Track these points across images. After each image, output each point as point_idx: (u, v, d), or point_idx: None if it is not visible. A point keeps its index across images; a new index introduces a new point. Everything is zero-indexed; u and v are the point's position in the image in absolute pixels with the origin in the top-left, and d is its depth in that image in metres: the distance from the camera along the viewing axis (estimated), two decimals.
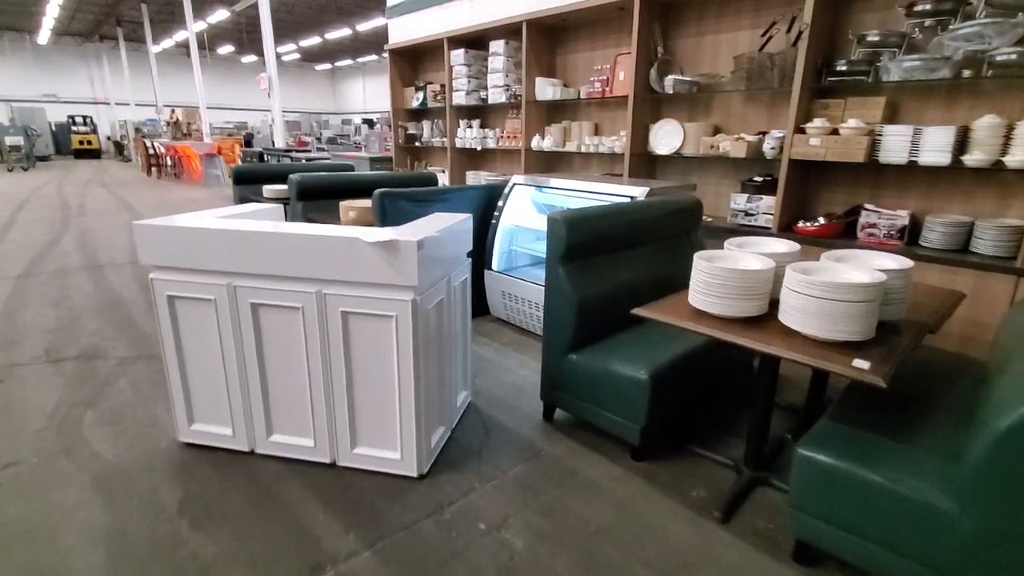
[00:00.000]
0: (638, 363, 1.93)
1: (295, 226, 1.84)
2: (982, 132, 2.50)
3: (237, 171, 4.84)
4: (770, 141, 3.08)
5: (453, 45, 4.95)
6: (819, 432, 1.53)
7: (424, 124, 5.74)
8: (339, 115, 27.58)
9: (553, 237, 2.06)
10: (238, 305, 1.84)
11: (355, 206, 3.37)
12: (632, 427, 1.95)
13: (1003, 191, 2.60)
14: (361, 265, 1.70)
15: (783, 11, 3.05)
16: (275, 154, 8.90)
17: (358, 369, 1.83)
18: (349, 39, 20.42)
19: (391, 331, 1.75)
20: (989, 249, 2.51)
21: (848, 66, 2.79)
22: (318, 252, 1.72)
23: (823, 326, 1.51)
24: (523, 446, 2.12)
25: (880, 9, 2.81)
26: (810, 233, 2.97)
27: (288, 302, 1.80)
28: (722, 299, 1.67)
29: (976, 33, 2.39)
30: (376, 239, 1.63)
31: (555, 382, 2.19)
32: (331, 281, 1.76)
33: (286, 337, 1.85)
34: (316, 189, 3.87)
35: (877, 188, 2.97)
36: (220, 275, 1.83)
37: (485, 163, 5.40)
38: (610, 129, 4.21)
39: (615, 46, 4.04)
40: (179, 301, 1.90)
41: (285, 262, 1.76)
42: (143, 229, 1.84)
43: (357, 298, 1.74)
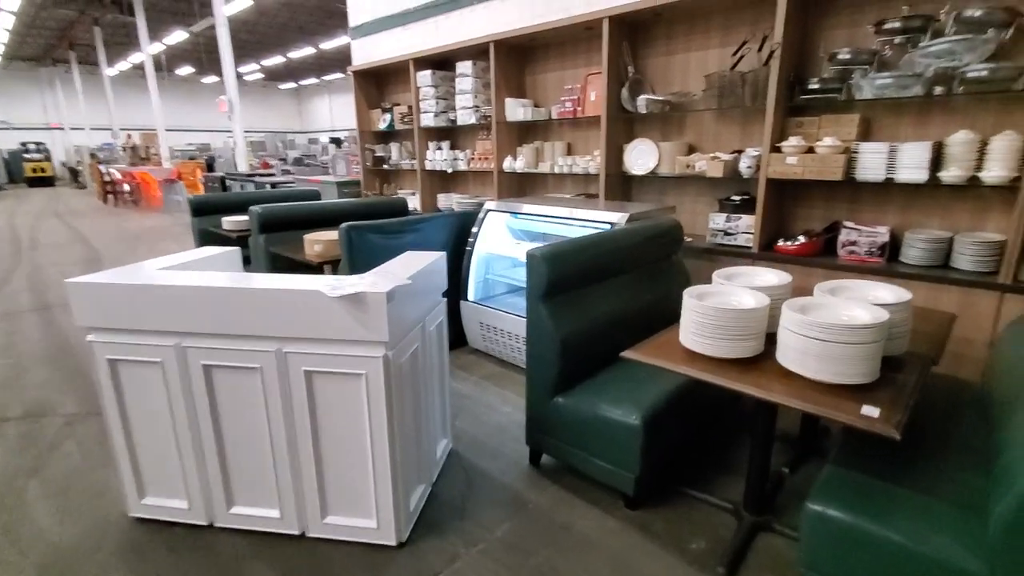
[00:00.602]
0: (629, 406, 1.81)
1: (250, 278, 1.67)
2: (957, 148, 2.48)
3: (195, 202, 4.60)
4: (746, 160, 3.03)
5: (419, 66, 4.84)
6: (828, 482, 1.43)
7: (392, 146, 5.59)
8: (305, 134, 27.18)
9: (533, 274, 1.94)
10: (189, 367, 1.66)
11: (321, 239, 3.20)
12: (626, 476, 1.82)
13: (980, 205, 2.59)
14: (325, 320, 1.54)
15: (753, 30, 3.03)
16: (237, 179, 8.61)
17: (326, 432, 1.67)
18: (313, 57, 20.18)
19: (361, 390, 1.59)
20: (970, 264, 2.48)
21: (821, 84, 2.77)
22: (277, 307, 1.56)
23: (825, 369, 1.42)
24: (510, 498, 1.97)
25: (848, 26, 2.80)
26: (791, 252, 2.92)
27: (245, 362, 1.63)
28: (716, 340, 1.57)
29: (947, 50, 2.38)
30: (340, 292, 1.48)
31: (541, 426, 2.06)
32: (292, 338, 1.59)
33: (244, 400, 1.67)
34: (279, 221, 3.68)
35: (854, 204, 2.94)
36: (167, 335, 1.65)
37: (456, 185, 5.28)
38: (583, 149, 4.14)
39: (584, 65, 3.98)
40: (122, 365, 1.71)
41: (240, 319, 1.59)
42: (78, 288, 1.65)
43: (322, 356, 1.58)
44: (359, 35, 5.92)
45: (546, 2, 4.10)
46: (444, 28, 4.95)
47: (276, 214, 3.66)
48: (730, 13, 3.18)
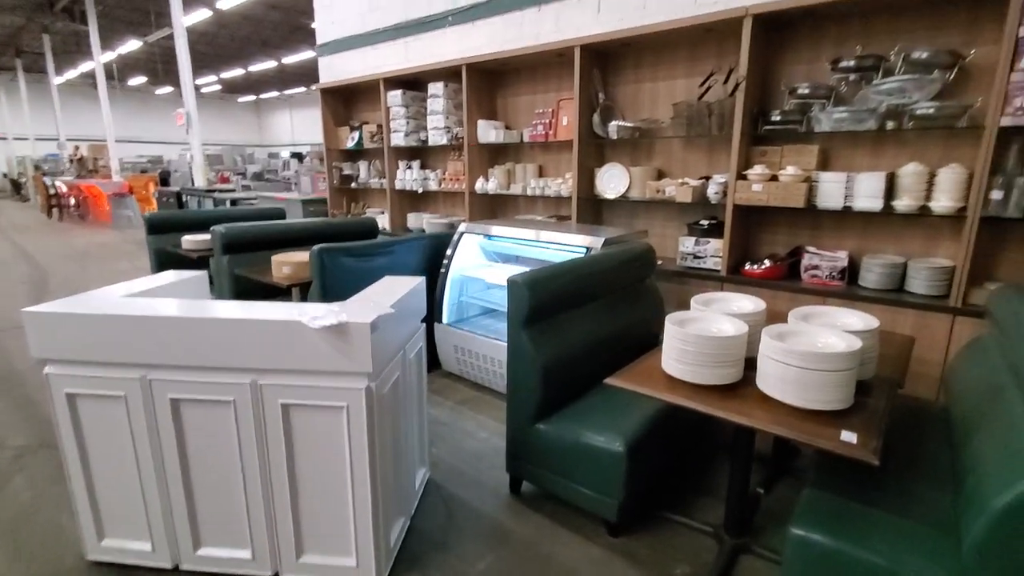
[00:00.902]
0: (612, 433, 1.82)
1: (223, 307, 1.61)
2: (908, 179, 2.64)
3: (151, 219, 4.41)
4: (714, 186, 3.14)
5: (390, 86, 4.82)
6: (808, 506, 1.47)
7: (360, 165, 5.53)
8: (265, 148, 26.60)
9: (515, 301, 1.94)
10: (154, 401, 1.58)
11: (290, 260, 3.12)
12: (609, 502, 1.82)
13: (930, 233, 2.76)
14: (304, 351, 1.49)
15: (718, 62, 3.16)
16: (195, 194, 8.32)
17: (303, 467, 1.60)
18: (275, 71, 19.85)
19: (341, 423, 1.54)
20: (923, 288, 2.63)
21: (782, 116, 2.91)
22: (252, 338, 1.50)
23: (803, 395, 1.46)
24: (491, 529, 1.94)
25: (806, 62, 2.95)
26: (757, 275, 3.03)
27: (216, 395, 1.55)
28: (697, 367, 1.60)
29: (898, 88, 2.55)
30: (322, 323, 1.44)
31: (522, 454, 2.04)
32: (268, 370, 1.53)
33: (214, 435, 1.59)
34: (244, 241, 3.56)
35: (815, 230, 3.08)
36: (131, 367, 1.56)
37: (427, 205, 5.25)
38: (554, 171, 4.19)
39: (556, 90, 4.05)
40: (82, 399, 1.61)
41: (212, 350, 1.52)
42: (35, 318, 1.54)
43: (300, 388, 1.53)
44: (326, 52, 5.87)
45: (517, 28, 4.18)
46: (414, 49, 4.97)
47: (241, 234, 3.54)
48: (695, 46, 3.32)
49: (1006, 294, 1.88)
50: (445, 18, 4.64)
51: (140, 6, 11.79)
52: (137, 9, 12.09)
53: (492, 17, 4.32)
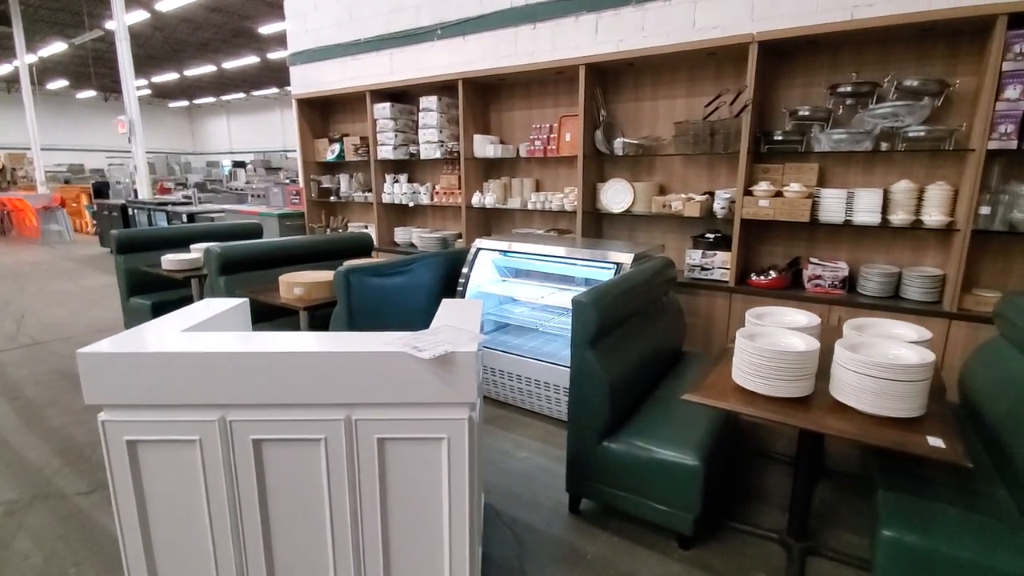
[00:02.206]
0: (684, 447, 1.87)
1: (308, 339, 1.53)
2: (900, 195, 2.89)
3: (121, 238, 4.09)
4: (720, 201, 3.29)
5: (377, 98, 4.73)
6: (890, 509, 1.57)
7: (341, 178, 5.37)
8: (199, 156, 25.23)
9: (580, 321, 1.95)
10: (233, 444, 1.47)
11: (300, 281, 2.99)
12: (684, 517, 1.87)
13: (917, 244, 3.01)
14: (404, 382, 1.45)
15: (718, 85, 3.33)
16: (144, 208, 7.77)
17: (395, 505, 1.54)
18: (213, 76, 18.90)
19: (440, 456, 1.50)
20: (918, 295, 2.87)
21: (783, 136, 3.10)
22: (347, 371, 1.44)
23: (881, 404, 1.57)
24: (564, 551, 1.93)
25: (801, 86, 3.16)
26: (763, 286, 3.19)
27: (305, 433, 1.47)
28: (775, 381, 1.68)
29: (891, 112, 2.78)
30: (431, 353, 1.40)
31: (586, 473, 2.05)
32: (363, 404, 1.47)
33: (300, 476, 1.51)
34: (241, 261, 3.37)
35: (812, 242, 3.29)
36: (208, 409, 1.45)
37: (414, 219, 5.17)
38: (552, 185, 4.25)
39: (552, 106, 4.12)
40: (144, 446, 1.47)
41: (301, 385, 1.44)
42: (92, 360, 1.41)
43: (398, 421, 1.48)
44: (300, 61, 5.68)
45: (511, 44, 4.22)
46: (400, 61, 4.90)
47: (237, 253, 3.35)
48: (695, 68, 3.47)
49: (1018, 302, 2.08)
50: (434, 31, 4.61)
51: (67, 6, 10.92)
52: (63, 9, 11.19)
53: (484, 32, 4.34)
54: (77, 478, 2.36)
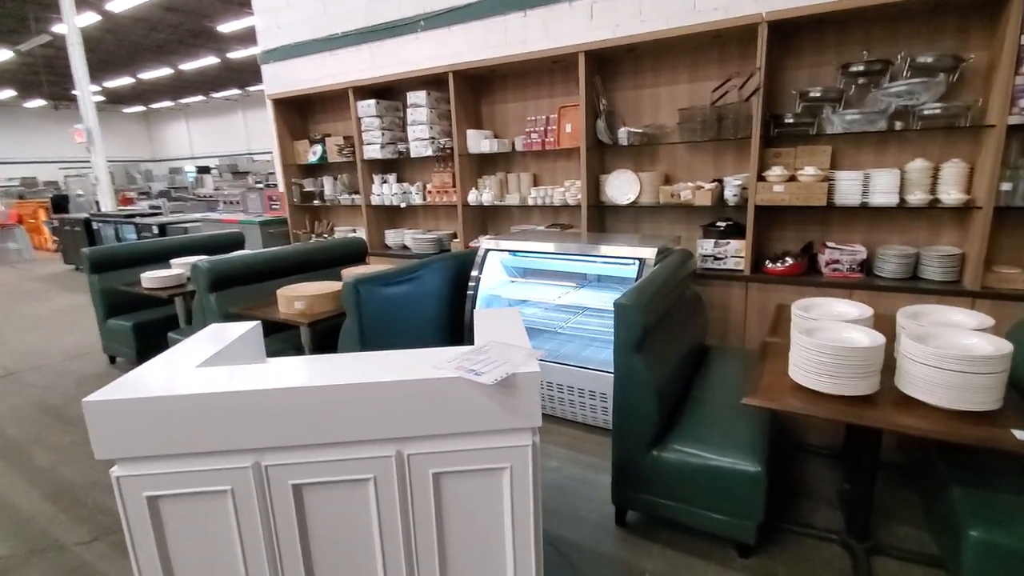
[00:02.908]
0: (742, 452, 1.77)
1: (348, 367, 1.37)
2: (916, 174, 2.84)
3: (94, 256, 3.80)
4: (731, 188, 3.20)
5: (360, 95, 4.51)
6: (975, 508, 1.50)
7: (324, 180, 5.13)
8: (158, 163, 24.28)
9: (625, 325, 1.83)
10: (270, 491, 1.31)
11: (302, 294, 2.80)
12: (746, 525, 1.77)
13: (933, 223, 2.98)
14: (462, 411, 1.30)
15: (734, 68, 3.23)
16: (109, 221, 7.35)
17: (453, 542, 1.40)
18: (170, 79, 18.12)
19: (502, 487, 1.36)
20: (937, 275, 2.83)
21: (795, 119, 3.02)
22: (398, 403, 1.29)
23: (957, 397, 1.49)
24: (620, 569, 1.82)
25: (809, 67, 3.09)
26: (780, 272, 3.13)
27: (352, 474, 1.32)
28: (842, 379, 1.59)
29: (907, 90, 2.72)
30: (493, 378, 1.26)
31: (635, 484, 1.94)
32: (415, 437, 1.32)
33: (347, 521, 1.35)
34: (231, 276, 3.15)
35: (825, 226, 3.24)
36: (240, 454, 1.29)
37: (405, 220, 4.97)
38: (550, 179, 4.11)
39: (548, 97, 3.97)
40: (167, 501, 1.30)
41: (346, 421, 1.28)
42: (101, 409, 1.22)
43: (455, 453, 1.33)
44: (273, 59, 5.40)
45: (501, 33, 4.06)
46: (381, 55, 4.68)
47: (227, 268, 3.13)
48: (698, 52, 3.37)
49: None
50: (416, 22, 4.41)
51: (12, 11, 10.24)
52: (7, 15, 10.50)
53: (471, 22, 4.16)
54: (75, 526, 2.14)
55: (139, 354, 3.75)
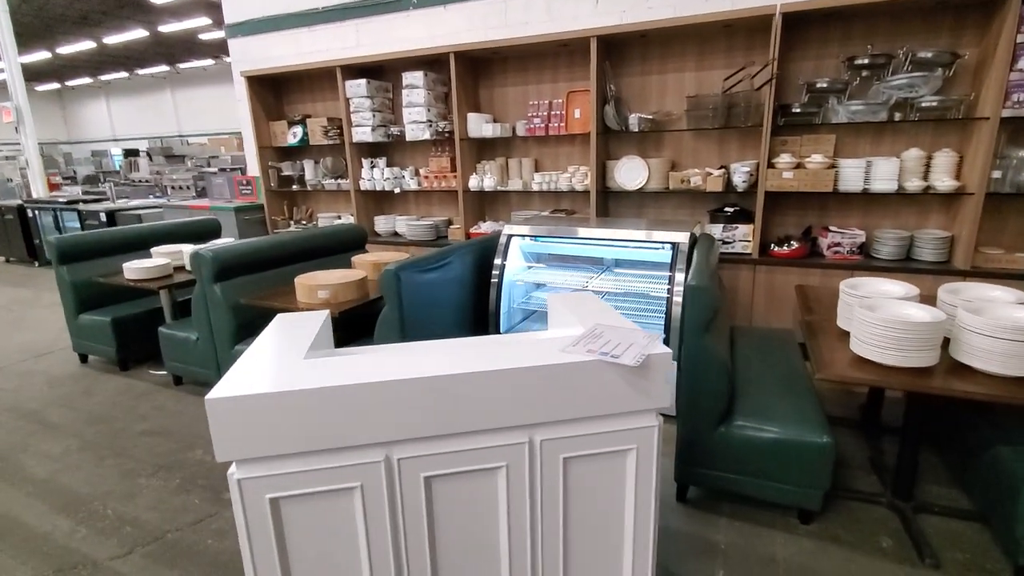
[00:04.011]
0: (809, 424, 1.86)
1: (476, 354, 1.32)
2: (911, 163, 3.05)
3: (62, 245, 3.44)
4: (739, 175, 3.32)
5: (348, 75, 4.30)
6: None
7: (305, 164, 4.87)
8: (76, 145, 22.23)
9: (696, 306, 1.87)
10: (401, 485, 1.25)
11: (325, 283, 2.67)
12: (813, 493, 1.87)
13: (922, 208, 3.21)
14: (594, 394, 1.29)
15: (741, 57, 3.32)
16: (48, 208, 6.67)
17: (576, 525, 1.39)
18: (90, 53, 16.55)
19: (626, 468, 1.36)
20: (931, 256, 3.06)
21: (801, 108, 3.16)
22: (531, 389, 1.26)
23: (1011, 364, 1.63)
24: (696, 544, 1.87)
25: (814, 58, 3.23)
26: (785, 256, 3.28)
27: (484, 463, 1.28)
28: (908, 351, 1.69)
29: (907, 83, 2.91)
30: (635, 359, 1.25)
31: (701, 460, 2.00)
32: (547, 423, 1.30)
33: (474, 510, 1.31)
34: (236, 265, 2.94)
35: (824, 211, 3.42)
36: (370, 449, 1.22)
37: (394, 206, 4.81)
38: (552, 165, 4.10)
39: (551, 81, 3.95)
40: (290, 503, 1.21)
41: (479, 410, 1.24)
42: (225, 407, 1.12)
43: (585, 437, 1.32)
44: (241, 33, 5.05)
45: (500, 14, 3.98)
46: (367, 33, 4.48)
47: (231, 256, 2.91)
48: (705, 40, 3.44)
49: None
50: (408, 0, 4.24)
51: None
52: None
53: (469, 1, 4.05)
54: (101, 539, 1.96)
55: (120, 352, 3.44)
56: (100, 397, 3.14)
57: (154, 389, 3.23)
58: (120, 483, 2.30)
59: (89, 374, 3.49)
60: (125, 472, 2.38)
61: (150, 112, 21.76)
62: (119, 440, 2.65)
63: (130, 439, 2.66)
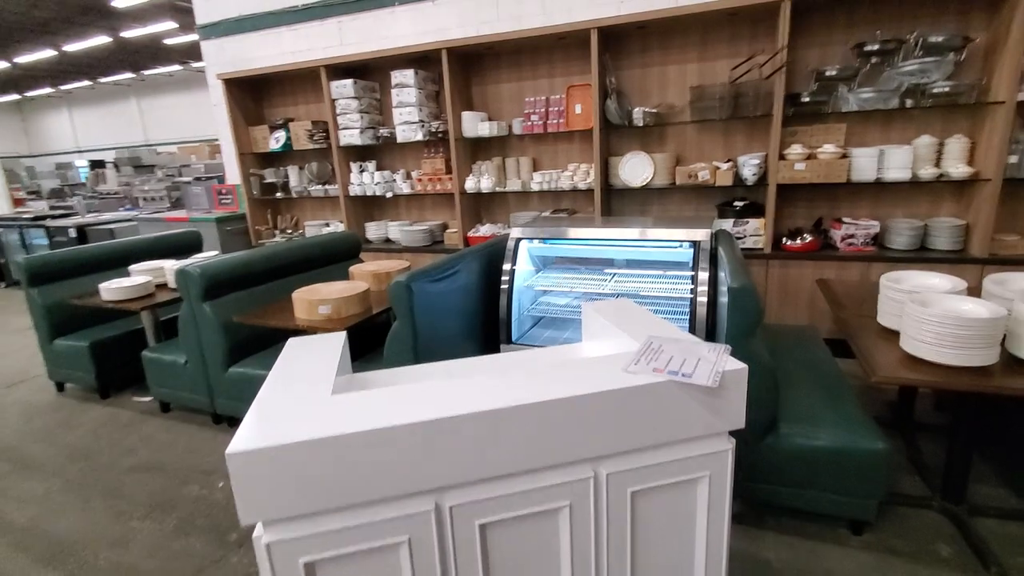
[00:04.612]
0: (861, 430, 1.76)
1: (528, 380, 1.17)
2: (923, 150, 2.99)
3: (33, 265, 3.18)
4: (749, 168, 3.22)
5: (333, 75, 4.10)
6: None
7: (290, 170, 4.65)
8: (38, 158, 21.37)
9: (742, 309, 1.75)
10: (454, 535, 1.09)
11: (325, 296, 2.50)
12: (868, 503, 1.76)
13: (935, 196, 3.16)
14: (665, 419, 1.15)
15: (746, 46, 3.23)
16: (11, 225, 6.30)
17: (643, 562, 1.25)
18: (51, 62, 15.88)
19: (697, 497, 1.23)
20: (946, 245, 3.01)
21: (811, 97, 3.07)
22: (597, 417, 1.11)
23: None
24: (746, 562, 1.75)
25: (820, 46, 3.15)
26: (799, 249, 3.19)
27: (545, 504, 1.13)
28: (970, 350, 1.60)
29: (919, 69, 2.84)
30: (712, 379, 1.11)
31: (746, 473, 1.88)
32: (612, 455, 1.16)
33: (533, 556, 1.16)
34: (225, 281, 2.73)
35: (834, 202, 3.35)
36: (417, 498, 1.06)
37: (386, 211, 4.62)
38: (550, 164, 3.96)
39: (547, 76, 3.81)
40: (327, 565, 1.04)
41: (540, 446, 1.09)
42: (246, 462, 0.95)
43: (654, 467, 1.18)
44: (216, 34, 4.80)
45: (492, 8, 3.83)
46: (352, 31, 4.29)
47: (220, 272, 2.70)
48: (708, 30, 3.34)
49: None
50: None
51: None
52: None
53: None
54: None
55: (100, 379, 3.20)
56: (81, 429, 2.90)
57: (140, 418, 3.00)
58: (111, 527, 2.09)
59: (67, 404, 3.24)
60: (116, 514, 2.17)
61: (115, 121, 21.01)
62: (106, 477, 2.44)
63: (118, 476, 2.45)
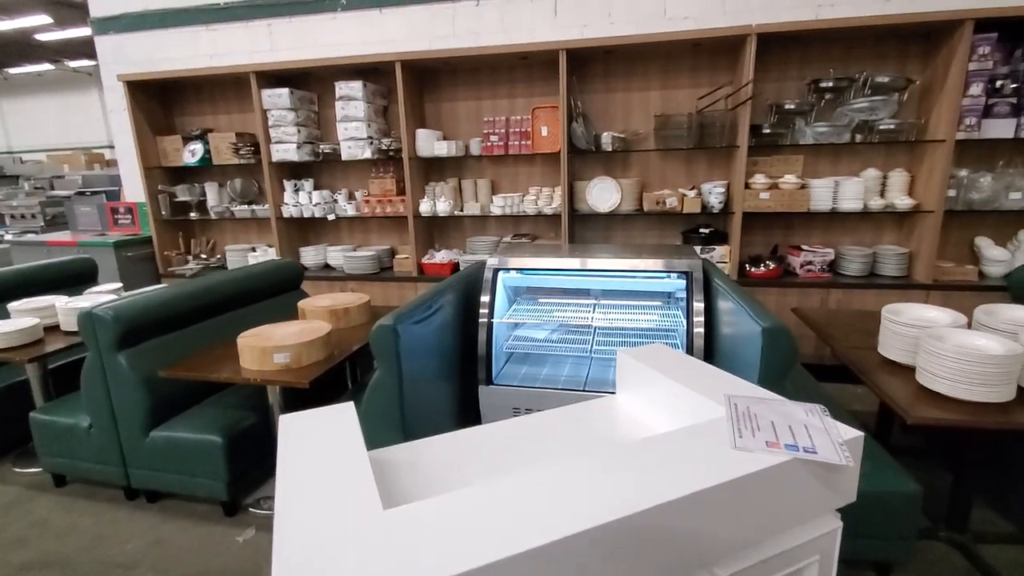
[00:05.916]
0: (888, 470, 1.71)
1: (615, 475, 0.94)
2: (871, 182, 3.17)
3: None
4: (714, 196, 3.24)
5: (265, 83, 3.65)
6: None
7: (208, 188, 4.08)
8: None
9: (776, 352, 1.64)
10: None
11: (280, 342, 2.12)
12: (898, 544, 1.71)
13: (877, 226, 3.36)
14: (780, 504, 0.98)
15: (707, 77, 3.26)
16: None
17: None
18: None
19: None
20: (893, 271, 3.19)
21: (771, 129, 3.16)
22: (710, 512, 0.92)
23: None
24: None
25: (776, 80, 3.26)
26: (762, 276, 3.25)
27: None
28: (992, 386, 1.61)
29: (868, 107, 3.01)
30: (842, 455, 0.96)
31: None
32: (726, 553, 0.96)
33: None
34: (145, 325, 2.23)
35: (788, 230, 3.46)
36: None
37: (324, 235, 4.17)
38: (509, 187, 3.78)
39: (507, 96, 3.64)
40: None
41: (644, 557, 0.88)
42: None
43: (768, 561, 1.00)
44: (115, 30, 4.15)
45: (448, 23, 3.61)
46: (283, 35, 3.87)
47: (138, 314, 2.20)
48: (671, 59, 3.35)
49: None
50: (336, 0, 3.71)
51: None
52: None
53: (411, 6, 3.63)
54: None
55: None
56: None
57: (27, 495, 2.37)
58: None
59: None
60: None
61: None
62: None
63: None
